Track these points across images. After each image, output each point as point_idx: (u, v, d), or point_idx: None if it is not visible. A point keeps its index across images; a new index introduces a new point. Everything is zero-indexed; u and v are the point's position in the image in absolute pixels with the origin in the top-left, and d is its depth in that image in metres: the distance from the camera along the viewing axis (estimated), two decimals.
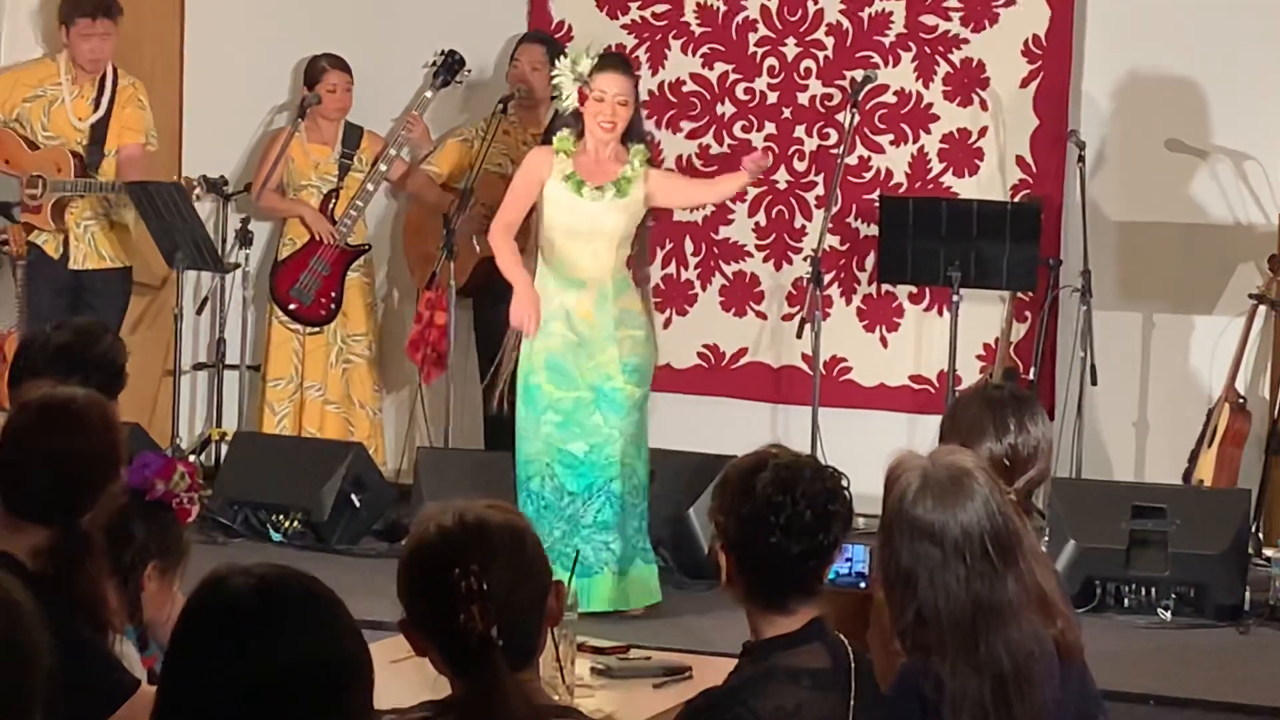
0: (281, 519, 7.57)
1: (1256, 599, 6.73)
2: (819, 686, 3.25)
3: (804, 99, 8.31)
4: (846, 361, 8.23)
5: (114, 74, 8.20)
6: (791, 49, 8.32)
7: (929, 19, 8.15)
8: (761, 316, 8.36)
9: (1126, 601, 6.76)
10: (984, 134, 8.10)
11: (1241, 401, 7.49)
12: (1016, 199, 7.95)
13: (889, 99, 8.18)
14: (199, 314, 8.63)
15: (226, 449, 8.19)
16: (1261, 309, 7.49)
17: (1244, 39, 7.78)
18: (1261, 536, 7.38)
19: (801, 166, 8.29)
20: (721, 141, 8.41)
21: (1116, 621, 6.65)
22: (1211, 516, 6.79)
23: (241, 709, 2.12)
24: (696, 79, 8.44)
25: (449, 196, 8.27)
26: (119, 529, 3.55)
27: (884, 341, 8.23)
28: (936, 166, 8.15)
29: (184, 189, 8.04)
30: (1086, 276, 7.56)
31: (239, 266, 8.57)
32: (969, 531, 3.19)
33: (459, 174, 8.32)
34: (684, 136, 8.44)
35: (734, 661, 3.36)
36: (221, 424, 8.58)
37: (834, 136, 8.19)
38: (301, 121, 8.38)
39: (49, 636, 2.13)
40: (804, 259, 8.05)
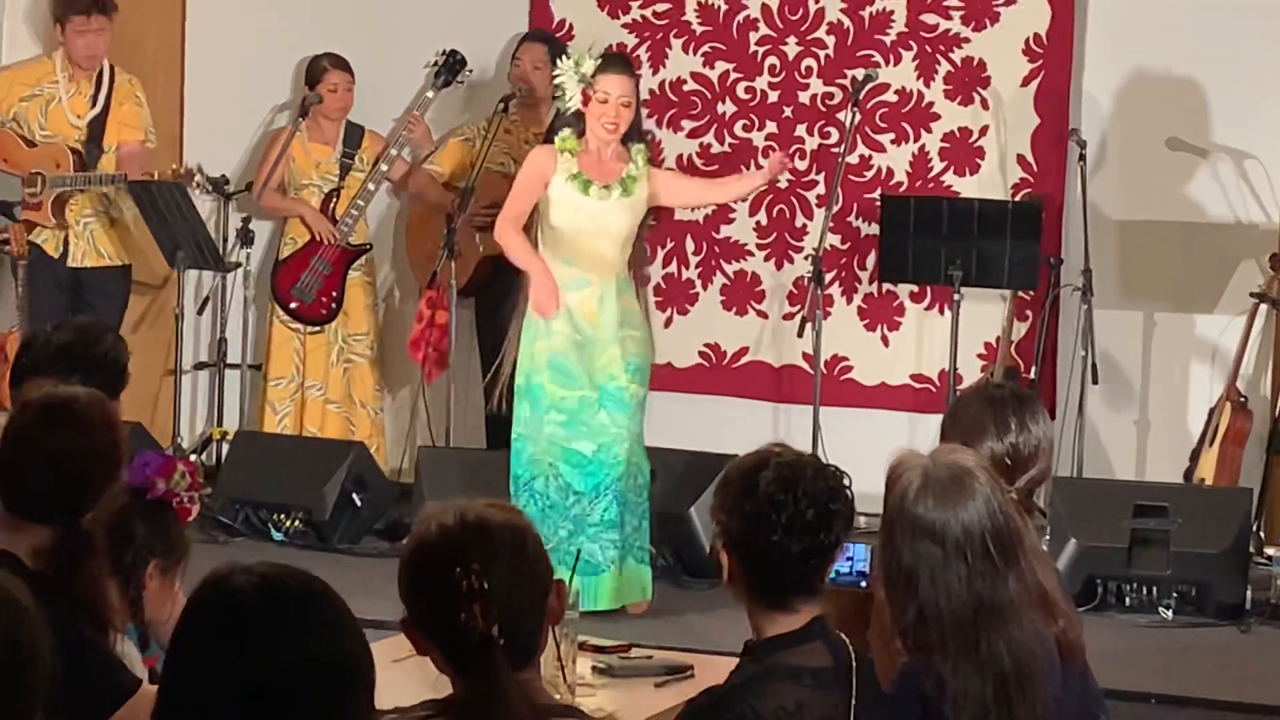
0: (283, 518, 7.57)
1: (1258, 598, 6.73)
2: (820, 685, 3.25)
3: (805, 98, 8.30)
4: (847, 360, 8.23)
5: (110, 71, 8.19)
6: (792, 48, 8.32)
7: (930, 18, 8.14)
8: (762, 316, 8.36)
9: (1128, 600, 6.76)
10: (985, 133, 8.10)
11: (1243, 400, 7.49)
12: (1017, 198, 7.95)
13: (890, 98, 8.18)
14: (200, 313, 8.63)
15: (228, 448, 8.19)
16: (1263, 308, 7.49)
17: (1245, 38, 7.78)
18: (1263, 535, 7.38)
19: (802, 165, 8.28)
20: (722, 140, 8.40)
21: (1118, 620, 6.65)
22: (1213, 515, 6.79)
23: (243, 708, 2.11)
24: (697, 78, 8.44)
25: (451, 196, 8.27)
26: (120, 528, 3.55)
27: (885, 341, 8.22)
28: (937, 165, 8.15)
29: (185, 188, 8.04)
30: (1087, 275, 7.56)
31: (240, 266, 8.57)
32: (970, 530, 3.19)
33: (461, 173, 8.31)
34: (685, 135, 8.43)
35: (735, 660, 3.36)
36: (223, 423, 8.58)
37: (835, 135, 8.19)
38: (303, 121, 8.38)
39: (50, 636, 2.13)
40: (805, 258, 8.05)
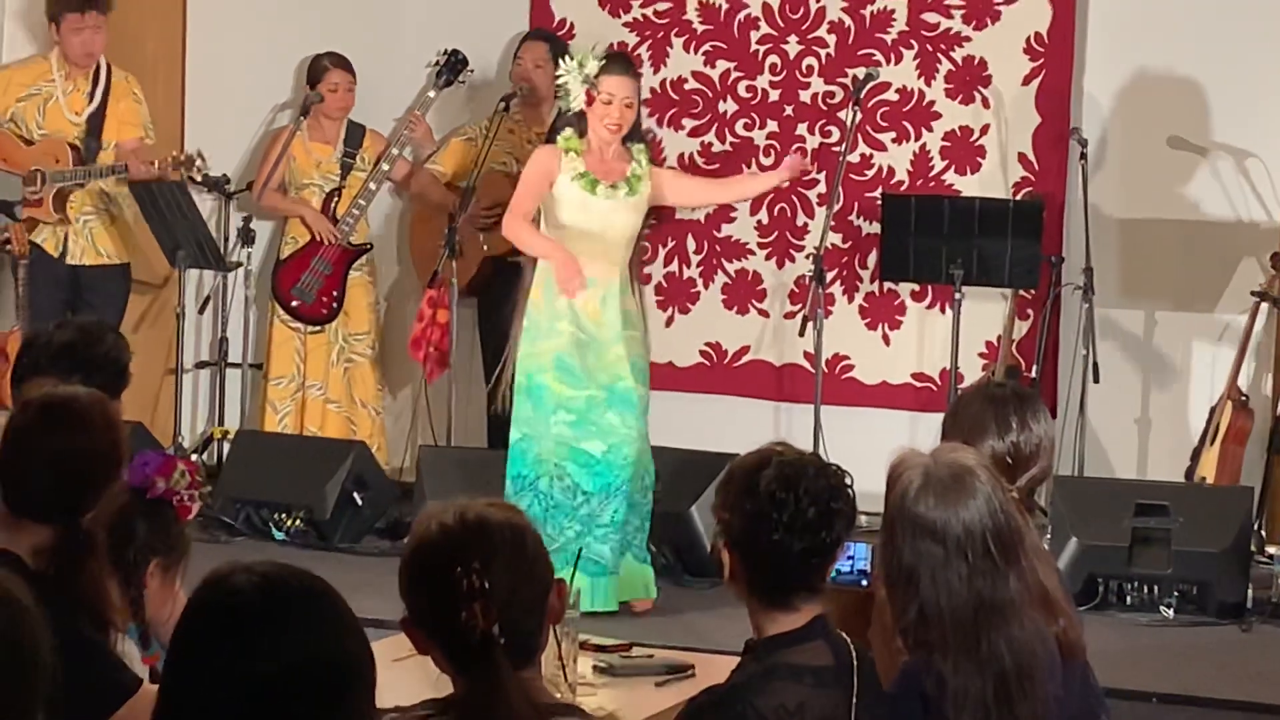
0: (284, 517, 7.56)
1: (1259, 596, 6.73)
2: (821, 684, 3.25)
3: (806, 97, 8.30)
4: (849, 359, 8.23)
5: (107, 68, 8.18)
6: (793, 47, 8.32)
7: (931, 17, 8.15)
8: (764, 314, 8.36)
9: (1129, 599, 6.76)
10: (986, 132, 8.10)
11: (1244, 399, 7.49)
12: (1018, 197, 7.95)
13: (891, 97, 8.18)
14: (201, 313, 8.64)
15: (228, 447, 8.19)
16: (1264, 306, 7.49)
17: (1245, 37, 7.78)
18: (1264, 534, 7.37)
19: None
20: (723, 139, 8.40)
21: (1119, 619, 6.65)
22: (1214, 514, 6.79)
23: (244, 707, 2.11)
24: (698, 77, 8.44)
25: (453, 195, 8.27)
26: (121, 527, 3.55)
27: (886, 339, 8.22)
28: (938, 164, 8.15)
29: (185, 188, 8.04)
30: (1088, 274, 7.56)
31: (241, 265, 8.58)
32: (971, 529, 3.19)
33: (463, 173, 8.30)
34: (686, 134, 8.44)
35: (736, 659, 3.36)
36: (223, 423, 8.58)
37: (836, 134, 8.18)
38: (304, 120, 8.38)
39: (50, 635, 2.13)
40: (806, 257, 8.05)
